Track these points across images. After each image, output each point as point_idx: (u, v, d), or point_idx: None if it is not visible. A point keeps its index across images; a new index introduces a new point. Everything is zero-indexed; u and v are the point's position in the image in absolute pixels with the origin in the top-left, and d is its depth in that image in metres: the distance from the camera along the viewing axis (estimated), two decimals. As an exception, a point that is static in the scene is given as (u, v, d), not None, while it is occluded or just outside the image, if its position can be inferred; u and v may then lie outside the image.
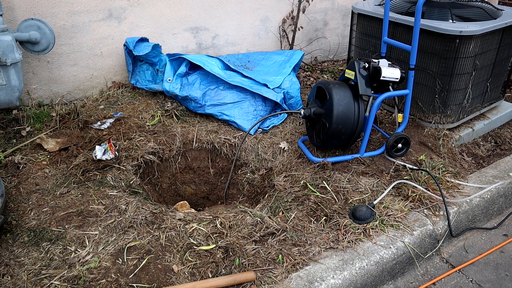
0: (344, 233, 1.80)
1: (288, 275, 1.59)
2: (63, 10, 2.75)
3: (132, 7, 2.96)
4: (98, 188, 2.07)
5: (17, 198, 2.00)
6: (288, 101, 2.84)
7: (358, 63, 2.24)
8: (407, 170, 2.24)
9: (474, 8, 2.62)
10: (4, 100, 2.44)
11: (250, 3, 3.40)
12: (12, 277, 1.57)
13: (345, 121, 2.17)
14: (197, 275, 1.59)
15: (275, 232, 1.79)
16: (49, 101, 2.91)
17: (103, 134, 2.50)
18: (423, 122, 2.71)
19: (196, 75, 2.83)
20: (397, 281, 1.81)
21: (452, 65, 2.43)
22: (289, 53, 3.20)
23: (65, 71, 2.92)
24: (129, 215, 1.87)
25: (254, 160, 2.50)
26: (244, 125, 2.64)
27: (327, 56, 4.08)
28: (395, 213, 1.93)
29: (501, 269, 1.89)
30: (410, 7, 2.72)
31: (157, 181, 2.51)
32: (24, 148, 2.38)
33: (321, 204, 1.98)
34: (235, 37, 3.48)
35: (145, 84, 3.00)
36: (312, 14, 3.76)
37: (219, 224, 1.84)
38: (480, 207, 2.09)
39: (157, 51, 2.92)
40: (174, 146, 2.52)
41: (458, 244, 2.03)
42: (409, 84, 2.31)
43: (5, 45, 2.31)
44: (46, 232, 1.78)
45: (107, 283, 1.55)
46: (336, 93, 2.18)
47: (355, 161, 2.32)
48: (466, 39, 2.34)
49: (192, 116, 2.81)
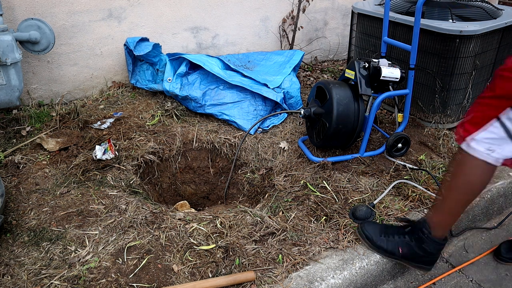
0: (344, 232, 1.80)
1: (288, 275, 1.59)
2: (63, 10, 2.75)
3: (132, 7, 2.96)
4: (98, 188, 2.07)
5: (17, 198, 2.00)
6: (288, 101, 2.84)
7: (358, 62, 2.24)
8: (407, 170, 2.24)
9: (474, 8, 2.62)
10: (4, 100, 2.44)
11: (250, 3, 3.40)
12: (12, 277, 1.57)
13: (345, 120, 2.17)
14: (197, 275, 1.59)
15: (275, 232, 1.79)
16: (49, 101, 2.91)
17: (103, 134, 2.50)
18: (423, 122, 2.71)
19: (196, 75, 2.83)
20: (397, 280, 1.81)
21: (452, 64, 2.43)
22: (289, 53, 3.20)
23: (65, 71, 2.92)
24: (129, 215, 1.87)
25: (254, 160, 2.50)
26: (244, 124, 2.64)
27: (327, 56, 4.08)
28: (395, 213, 1.93)
29: (501, 269, 1.89)
30: (410, 7, 2.72)
31: (157, 181, 2.51)
32: (24, 148, 2.38)
33: (321, 204, 1.98)
34: (235, 37, 3.48)
35: (145, 84, 3.00)
36: (312, 14, 3.76)
37: (219, 224, 1.84)
38: (480, 206, 2.09)
39: (157, 50, 2.92)
40: (174, 146, 2.52)
41: (458, 244, 2.03)
42: (409, 84, 2.31)
43: (5, 45, 2.31)
44: (46, 232, 1.79)
45: (107, 283, 1.55)
46: (336, 92, 2.18)
47: (355, 161, 2.32)
48: (466, 38, 2.34)
49: (192, 116, 2.81)
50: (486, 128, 1.36)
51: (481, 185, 1.46)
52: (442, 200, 1.57)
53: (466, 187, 1.47)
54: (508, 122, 1.32)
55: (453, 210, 1.54)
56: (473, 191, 1.48)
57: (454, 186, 1.51)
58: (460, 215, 1.57)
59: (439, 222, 1.58)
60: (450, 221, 1.58)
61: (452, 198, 1.53)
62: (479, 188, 1.47)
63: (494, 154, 1.37)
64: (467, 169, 1.44)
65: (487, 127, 1.36)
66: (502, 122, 1.32)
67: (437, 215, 1.59)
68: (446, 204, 1.55)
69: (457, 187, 1.50)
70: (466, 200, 1.51)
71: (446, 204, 1.55)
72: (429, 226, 1.59)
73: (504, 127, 1.33)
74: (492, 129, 1.35)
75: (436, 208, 1.60)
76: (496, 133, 1.34)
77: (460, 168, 1.47)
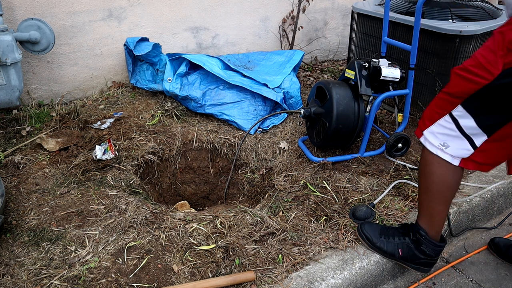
0: (344, 233, 1.80)
1: (288, 275, 1.59)
2: (63, 10, 2.75)
3: (132, 7, 2.96)
4: (98, 188, 2.07)
5: (17, 198, 2.00)
6: (288, 101, 2.84)
7: (358, 62, 2.24)
8: (407, 170, 2.24)
9: (474, 8, 2.62)
10: (4, 100, 2.44)
11: (250, 3, 3.40)
12: (12, 277, 1.57)
13: (345, 120, 2.17)
14: (197, 275, 1.59)
15: (275, 232, 1.79)
16: (49, 101, 2.91)
17: (103, 134, 2.50)
18: (423, 122, 2.70)
19: (196, 75, 2.83)
20: (397, 280, 1.81)
21: (452, 64, 2.43)
22: (289, 53, 3.20)
23: (65, 71, 2.92)
24: (129, 215, 1.87)
25: (254, 160, 2.50)
26: (244, 124, 2.64)
27: (327, 56, 4.08)
28: (395, 213, 1.93)
29: (501, 269, 1.89)
30: (410, 7, 2.72)
31: (157, 181, 2.51)
32: (24, 148, 2.38)
33: (321, 204, 1.98)
34: (235, 37, 3.48)
35: (145, 84, 3.00)
36: (312, 14, 3.76)
37: (219, 224, 1.84)
38: (480, 206, 2.09)
39: (157, 50, 2.92)
40: (174, 146, 2.52)
41: (458, 244, 2.03)
42: (409, 83, 2.31)
43: (5, 45, 2.31)
44: (46, 232, 1.79)
45: (107, 283, 1.55)
46: (336, 92, 2.18)
47: (355, 161, 2.32)
48: (466, 38, 2.34)
49: (192, 116, 2.81)
50: (440, 122, 1.41)
51: (449, 185, 1.48)
52: (419, 203, 1.60)
53: (434, 187, 1.49)
54: (460, 119, 1.36)
55: (433, 210, 1.55)
56: (443, 189, 1.49)
57: (423, 187, 1.54)
58: (444, 213, 1.56)
59: (427, 224, 1.59)
60: (437, 221, 1.57)
61: (426, 199, 1.55)
62: (448, 188, 1.49)
63: (448, 150, 1.41)
64: (430, 168, 1.48)
65: (440, 121, 1.41)
66: (454, 117, 1.37)
67: (423, 218, 1.60)
68: (424, 206, 1.58)
69: (426, 187, 1.53)
70: (441, 199, 1.52)
71: (424, 205, 1.57)
72: (423, 228, 1.60)
73: (455, 122, 1.37)
74: (445, 124, 1.40)
75: (419, 211, 1.62)
76: (448, 128, 1.39)
77: (425, 167, 1.50)
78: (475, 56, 1.30)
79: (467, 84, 1.31)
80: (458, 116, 1.36)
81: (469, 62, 1.31)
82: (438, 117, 1.42)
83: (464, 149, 1.39)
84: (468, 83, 1.31)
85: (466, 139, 1.38)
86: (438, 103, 1.42)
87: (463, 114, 1.35)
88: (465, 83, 1.32)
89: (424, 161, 1.50)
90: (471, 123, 1.35)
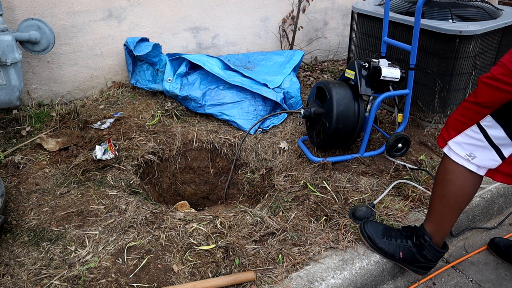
0: (344, 233, 1.80)
1: (288, 275, 1.59)
2: (63, 10, 2.75)
3: (132, 7, 2.96)
4: (98, 188, 2.07)
5: (17, 198, 2.00)
6: (288, 101, 2.84)
7: (358, 63, 2.24)
8: (407, 170, 2.24)
9: (474, 8, 2.62)
10: (4, 100, 2.44)
11: (250, 3, 3.40)
12: (12, 277, 1.57)
13: (345, 120, 2.17)
14: (197, 275, 1.59)
15: (275, 232, 1.79)
16: (49, 101, 2.91)
17: (103, 134, 2.50)
18: (423, 122, 2.71)
19: (196, 75, 2.83)
20: (397, 281, 1.81)
21: (452, 64, 2.43)
22: (289, 53, 3.20)
23: (65, 71, 2.92)
24: (129, 215, 1.87)
25: (254, 160, 2.50)
26: (244, 125, 2.64)
27: (327, 56, 4.08)
28: (395, 213, 1.93)
29: (501, 269, 1.89)
30: (410, 7, 2.72)
31: (157, 181, 2.51)
32: (24, 148, 2.38)
33: (321, 204, 1.98)
34: (235, 37, 3.48)
35: (145, 84, 3.00)
36: (312, 14, 3.76)
37: (219, 224, 1.84)
38: (480, 207, 2.09)
39: (157, 51, 2.92)
40: (174, 146, 2.52)
41: (458, 244, 2.03)
42: (409, 84, 2.31)
43: (5, 45, 2.31)
44: (46, 232, 1.78)
45: (107, 283, 1.55)
46: (336, 92, 2.18)
47: (355, 161, 2.32)
48: (466, 39, 2.34)
49: (192, 116, 2.81)
50: (467, 132, 1.37)
51: (467, 195, 1.46)
52: (432, 208, 1.57)
53: (452, 195, 1.47)
54: (489, 129, 1.32)
55: (444, 218, 1.54)
56: (460, 199, 1.47)
57: (439, 194, 1.51)
58: (454, 221, 1.56)
59: (434, 229, 1.59)
60: (445, 228, 1.57)
61: (439, 206, 1.53)
62: (466, 197, 1.47)
63: (475, 161, 1.38)
64: (451, 177, 1.44)
65: (467, 132, 1.37)
66: (482, 128, 1.33)
67: (431, 224, 1.59)
68: (436, 212, 1.56)
69: (442, 195, 1.49)
70: (456, 208, 1.50)
71: (436, 212, 1.55)
72: (429, 233, 1.60)
73: (483, 133, 1.33)
74: (472, 134, 1.36)
75: (429, 216, 1.60)
76: (476, 139, 1.35)
77: (445, 175, 1.47)
78: (504, 64, 1.23)
79: (497, 93, 1.25)
80: (487, 127, 1.32)
81: (497, 71, 1.24)
82: (465, 127, 1.36)
83: (491, 159, 1.35)
84: (498, 93, 1.25)
85: (494, 149, 1.34)
86: (464, 112, 1.37)
87: (493, 124, 1.31)
88: (495, 93, 1.26)
89: (444, 169, 1.46)
90: (500, 133, 1.30)
